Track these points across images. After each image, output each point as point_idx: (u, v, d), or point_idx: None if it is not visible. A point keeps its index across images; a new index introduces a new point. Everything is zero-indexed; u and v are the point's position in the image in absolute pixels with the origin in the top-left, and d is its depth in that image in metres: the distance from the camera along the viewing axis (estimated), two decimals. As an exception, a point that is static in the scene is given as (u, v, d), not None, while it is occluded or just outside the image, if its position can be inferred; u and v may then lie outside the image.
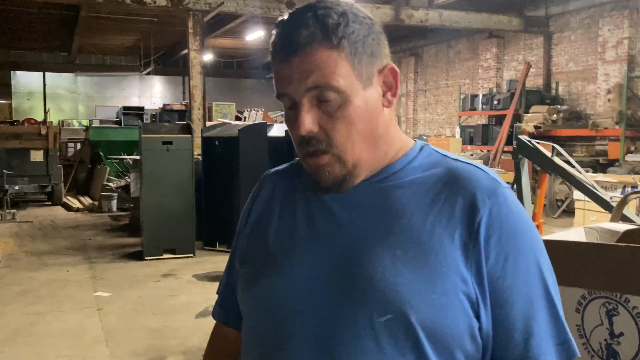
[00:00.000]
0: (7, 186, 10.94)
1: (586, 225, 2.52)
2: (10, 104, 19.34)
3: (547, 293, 0.92)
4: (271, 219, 1.03)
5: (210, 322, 1.19)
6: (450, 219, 0.90)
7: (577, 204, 8.68)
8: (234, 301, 1.06)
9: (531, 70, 13.58)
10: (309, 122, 0.91)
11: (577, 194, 8.34)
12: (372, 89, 0.93)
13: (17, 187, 11.46)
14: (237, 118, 15.34)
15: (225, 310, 1.14)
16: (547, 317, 0.91)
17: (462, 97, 15.11)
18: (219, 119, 13.03)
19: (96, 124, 17.95)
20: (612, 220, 3.21)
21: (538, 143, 5.50)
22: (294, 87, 0.91)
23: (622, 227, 2.39)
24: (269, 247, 1.00)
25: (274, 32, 0.94)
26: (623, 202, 3.30)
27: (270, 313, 0.95)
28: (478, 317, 0.89)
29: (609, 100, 11.44)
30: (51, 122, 13.25)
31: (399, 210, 0.93)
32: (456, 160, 0.98)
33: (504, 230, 0.90)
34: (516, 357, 0.90)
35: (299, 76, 0.90)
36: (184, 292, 5.79)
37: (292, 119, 0.93)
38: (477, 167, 0.96)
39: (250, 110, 15.43)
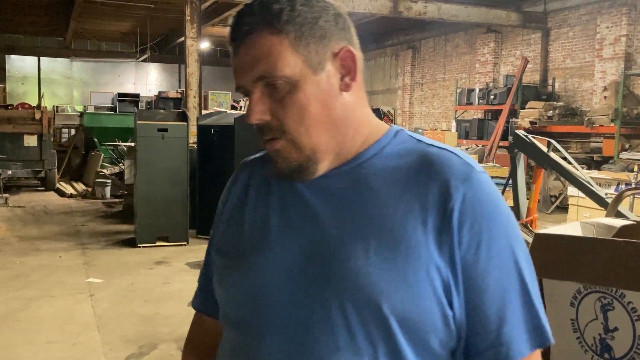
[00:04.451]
0: (0, 171, 10.87)
1: (583, 220, 2.52)
2: (4, 88, 19.17)
3: (520, 278, 0.90)
4: (246, 208, 1.02)
5: (202, 311, 1.18)
6: (423, 206, 0.89)
7: (570, 200, 8.71)
8: (213, 291, 1.06)
9: (528, 65, 13.57)
10: (258, 111, 0.90)
11: (571, 190, 8.37)
12: (325, 73, 0.91)
13: (10, 172, 11.40)
14: (233, 107, 15.29)
15: (204, 300, 1.13)
16: (520, 303, 0.90)
17: (458, 91, 15.10)
18: (215, 108, 12.97)
19: (91, 110, 17.86)
20: (607, 216, 3.21)
21: (534, 138, 5.50)
22: (243, 78, 0.91)
23: (619, 222, 2.39)
24: (243, 237, 0.99)
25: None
26: (618, 198, 3.30)
27: (243, 303, 0.95)
28: (451, 304, 0.88)
29: (605, 97, 11.46)
30: (45, 107, 13.16)
31: (372, 198, 0.91)
32: (430, 145, 0.95)
33: (477, 215, 0.89)
34: (488, 343, 0.89)
35: (246, 66, 0.90)
36: (176, 280, 5.78)
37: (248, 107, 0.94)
38: (451, 152, 0.94)
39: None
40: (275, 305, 0.91)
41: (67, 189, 12.03)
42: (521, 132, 5.59)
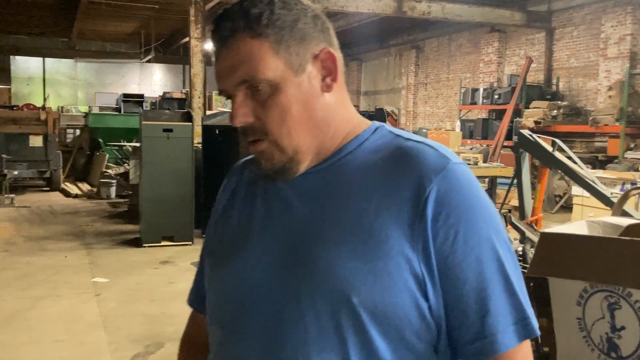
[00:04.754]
0: (5, 171, 10.91)
1: (589, 219, 2.51)
2: (10, 89, 19.25)
3: (501, 269, 0.90)
4: (234, 209, 1.05)
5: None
6: (397, 200, 0.89)
7: (575, 200, 8.69)
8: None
9: (532, 65, 13.54)
10: (241, 114, 0.92)
11: (575, 190, 8.35)
12: (306, 75, 0.92)
13: (15, 172, 11.43)
14: (237, 107, 15.30)
15: (197, 297, 1.17)
16: (503, 293, 0.89)
17: (462, 90, 15.07)
18: (219, 108, 12.99)
19: (95, 110, 17.90)
20: (613, 215, 3.21)
21: (539, 137, 5.49)
22: (226, 82, 0.92)
23: (625, 221, 2.39)
24: (228, 237, 1.03)
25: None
26: (625, 197, 3.30)
27: (225, 300, 0.99)
28: (427, 297, 0.89)
29: (609, 97, 11.43)
30: (50, 107, 13.19)
31: (347, 193, 0.93)
32: (408, 139, 0.96)
33: (453, 206, 0.88)
34: (472, 336, 0.89)
35: (228, 70, 0.91)
36: (181, 280, 5.79)
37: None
38: (427, 145, 0.94)
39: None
40: (253, 302, 0.94)
41: (72, 189, 12.06)
42: (526, 132, 5.58)
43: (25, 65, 21.55)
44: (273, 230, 0.96)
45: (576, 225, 2.43)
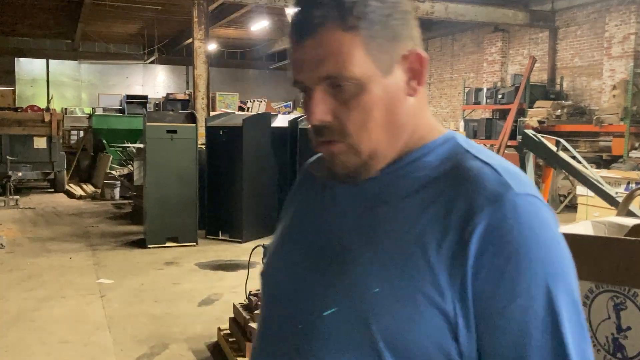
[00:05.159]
0: (10, 172, 10.96)
1: (594, 219, 2.51)
2: (14, 91, 19.29)
3: (554, 326, 0.76)
4: (291, 210, 1.04)
5: (212, 310, 1.20)
6: (444, 226, 0.81)
7: (579, 199, 8.67)
8: None
9: (536, 64, 13.52)
10: (320, 111, 0.85)
11: (580, 189, 8.33)
12: (393, 76, 0.85)
13: (20, 174, 11.47)
14: (241, 108, 15.32)
15: None
16: (548, 357, 0.76)
17: (466, 90, 15.06)
18: (223, 109, 13.01)
19: (99, 112, 17.94)
20: (618, 215, 3.20)
21: (543, 137, 5.49)
22: (306, 75, 0.85)
23: (630, 221, 2.38)
24: (279, 234, 1.03)
25: (293, 10, 0.88)
26: (630, 197, 3.29)
27: (264, 295, 1.00)
28: (457, 338, 0.79)
29: (614, 96, 11.40)
30: (54, 109, 13.23)
31: (394, 207, 0.86)
32: (475, 157, 0.86)
33: (503, 243, 0.77)
34: None
35: (311, 63, 0.84)
36: (186, 280, 5.80)
37: (306, 105, 0.88)
38: (492, 167, 0.84)
39: (254, 101, 15.40)
40: (280, 300, 0.93)
41: (77, 190, 12.09)
42: (530, 132, 5.58)
43: (29, 67, 21.59)
44: (316, 234, 0.93)
45: (581, 225, 2.43)
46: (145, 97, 19.31)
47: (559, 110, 12.27)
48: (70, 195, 11.87)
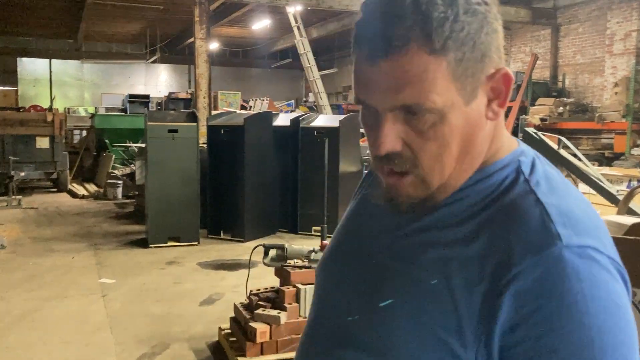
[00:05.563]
0: (13, 172, 10.98)
1: (593, 218, 2.51)
2: (17, 91, 19.34)
3: None
4: (350, 214, 1.00)
5: (214, 310, 1.20)
6: (477, 270, 0.72)
7: (582, 197, 8.64)
8: None
9: (538, 62, 13.50)
10: (391, 140, 0.75)
11: (581, 187, 8.31)
12: (477, 102, 0.75)
13: (23, 174, 11.50)
14: (243, 107, 15.35)
15: None
16: None
17: (468, 88, 15.05)
18: (225, 108, 13.03)
19: (102, 111, 17.98)
20: (618, 213, 3.20)
21: (544, 135, 5.48)
22: (378, 99, 0.74)
23: (629, 220, 2.38)
24: (330, 244, 1.00)
25: (359, 15, 0.77)
26: (630, 195, 3.29)
27: (313, 299, 0.97)
28: None
29: (616, 93, 11.39)
30: (57, 109, 13.26)
31: (436, 241, 0.78)
32: (530, 192, 0.75)
33: (540, 306, 0.67)
34: None
35: (386, 87, 0.73)
36: (188, 280, 5.81)
37: (371, 125, 0.77)
38: (544, 206, 0.73)
39: (256, 100, 15.42)
40: (322, 314, 0.91)
41: (79, 190, 12.12)
42: (531, 130, 5.57)
43: (31, 67, 21.66)
44: (357, 257, 0.88)
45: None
46: (148, 97, 19.34)
47: (561, 108, 12.25)
48: (73, 194, 11.90)
